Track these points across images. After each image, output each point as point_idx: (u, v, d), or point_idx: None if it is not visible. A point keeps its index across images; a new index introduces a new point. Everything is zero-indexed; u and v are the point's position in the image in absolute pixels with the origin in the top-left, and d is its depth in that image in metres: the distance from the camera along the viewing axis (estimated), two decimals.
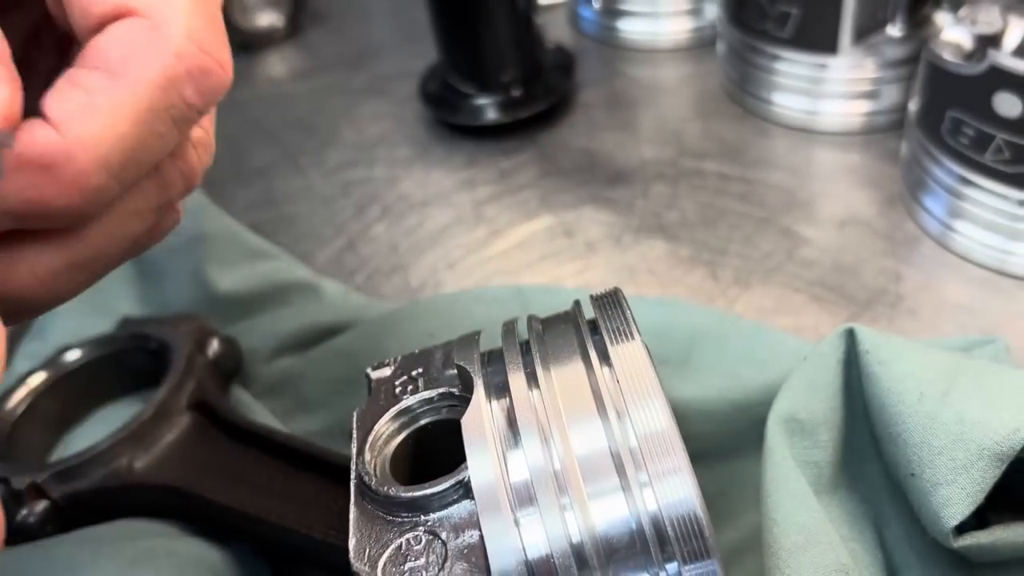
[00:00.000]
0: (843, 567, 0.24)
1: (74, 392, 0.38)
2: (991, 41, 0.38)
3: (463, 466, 0.21)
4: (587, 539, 0.20)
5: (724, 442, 0.33)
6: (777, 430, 0.27)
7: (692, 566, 0.19)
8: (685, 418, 0.32)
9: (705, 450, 0.33)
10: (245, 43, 0.66)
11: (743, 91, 0.53)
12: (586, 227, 0.47)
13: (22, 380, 0.37)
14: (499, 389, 0.23)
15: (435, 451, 0.24)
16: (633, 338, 0.22)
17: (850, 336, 0.28)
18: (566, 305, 0.26)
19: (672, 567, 0.19)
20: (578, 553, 0.20)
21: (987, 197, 0.39)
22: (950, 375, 0.26)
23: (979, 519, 0.25)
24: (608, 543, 0.20)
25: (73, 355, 0.38)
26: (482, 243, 0.47)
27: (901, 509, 0.28)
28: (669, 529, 0.19)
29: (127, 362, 0.39)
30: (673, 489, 0.20)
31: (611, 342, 0.22)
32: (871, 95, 0.49)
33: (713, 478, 0.32)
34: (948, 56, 0.39)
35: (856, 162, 0.49)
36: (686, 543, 0.19)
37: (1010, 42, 0.37)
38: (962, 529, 0.25)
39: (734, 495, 0.32)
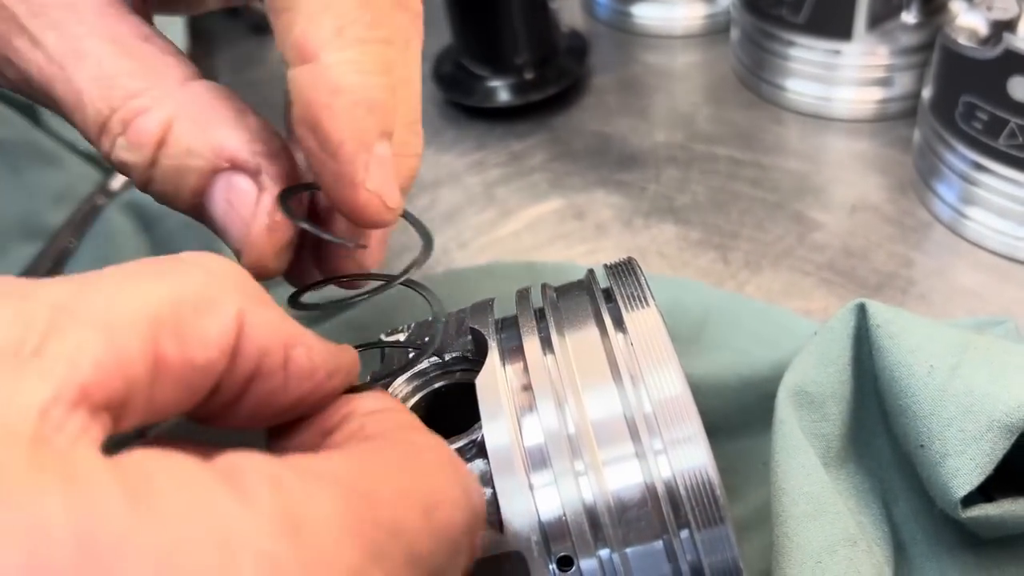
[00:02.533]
0: (851, 537, 0.24)
1: None
2: (1007, 26, 0.38)
3: (477, 425, 0.22)
4: (600, 502, 0.20)
5: (733, 419, 0.33)
6: (787, 403, 0.27)
7: (705, 532, 0.19)
8: (695, 394, 0.32)
9: (714, 426, 0.32)
10: (258, 25, 0.66)
11: (756, 77, 0.53)
12: (597, 210, 0.47)
13: None
14: (513, 353, 0.23)
15: (449, 414, 0.24)
16: (648, 304, 0.22)
17: (861, 311, 0.28)
18: None
19: (685, 533, 0.20)
20: (591, 516, 0.20)
21: (1000, 183, 0.39)
22: (960, 349, 0.26)
23: (986, 498, 0.25)
24: (621, 507, 0.20)
25: None
26: (492, 224, 0.47)
27: (909, 484, 0.28)
28: (683, 495, 0.19)
29: None
30: (687, 456, 0.20)
31: (626, 308, 0.22)
32: (884, 82, 0.49)
33: (722, 454, 0.32)
34: (963, 41, 0.39)
35: (868, 149, 0.49)
36: (699, 509, 0.19)
37: None
38: (969, 502, 0.25)
39: (742, 471, 0.32)
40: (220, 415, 0.18)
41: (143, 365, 0.15)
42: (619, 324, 0.22)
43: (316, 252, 0.25)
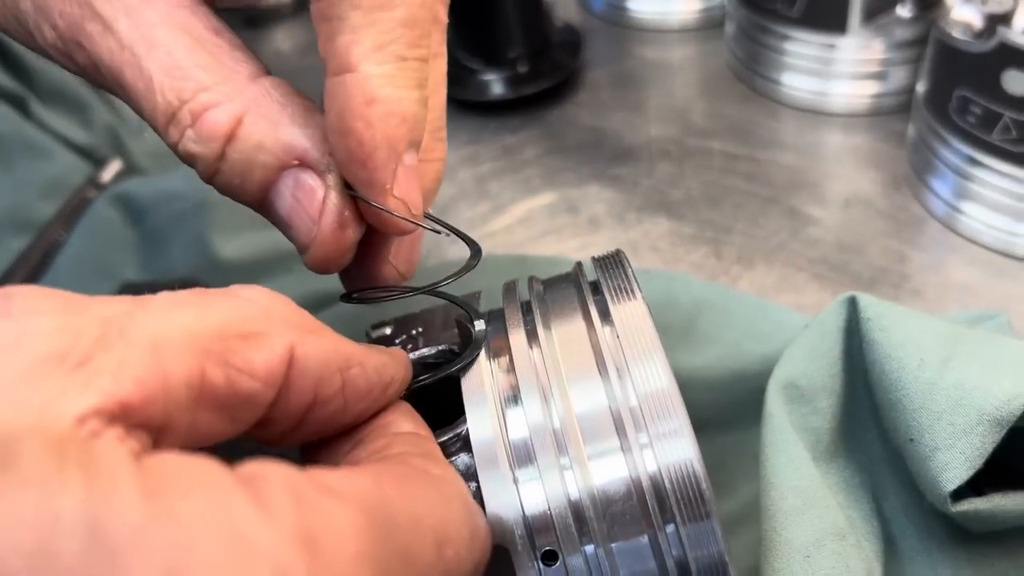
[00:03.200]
0: (840, 531, 0.24)
1: None
2: (1001, 19, 0.38)
3: (461, 419, 0.21)
4: (586, 497, 0.20)
5: (723, 413, 0.33)
6: (777, 396, 0.27)
7: (690, 526, 0.19)
8: (685, 388, 0.32)
9: (704, 421, 0.32)
10: (252, 19, 0.66)
11: (751, 71, 0.53)
12: (590, 204, 0.47)
13: None
14: (499, 347, 0.23)
15: (435, 408, 0.24)
16: (635, 297, 0.22)
17: (852, 304, 0.28)
18: None
19: (670, 528, 0.19)
20: (576, 511, 0.20)
21: (994, 177, 0.39)
22: (951, 343, 0.25)
23: (976, 492, 0.25)
24: (606, 501, 0.20)
25: None
26: (485, 218, 0.47)
27: (899, 479, 0.28)
28: (668, 490, 0.19)
29: None
30: (673, 449, 0.19)
31: (612, 301, 0.22)
32: (879, 76, 0.48)
33: (712, 449, 0.32)
34: (958, 34, 0.39)
35: (862, 143, 0.48)
36: (685, 504, 0.19)
37: (1020, 20, 0.37)
38: (959, 497, 0.25)
39: (732, 466, 0.32)
40: (283, 439, 0.19)
41: (186, 390, 0.15)
42: (606, 317, 0.22)
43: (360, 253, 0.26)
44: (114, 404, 0.14)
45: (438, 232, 0.24)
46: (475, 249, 0.24)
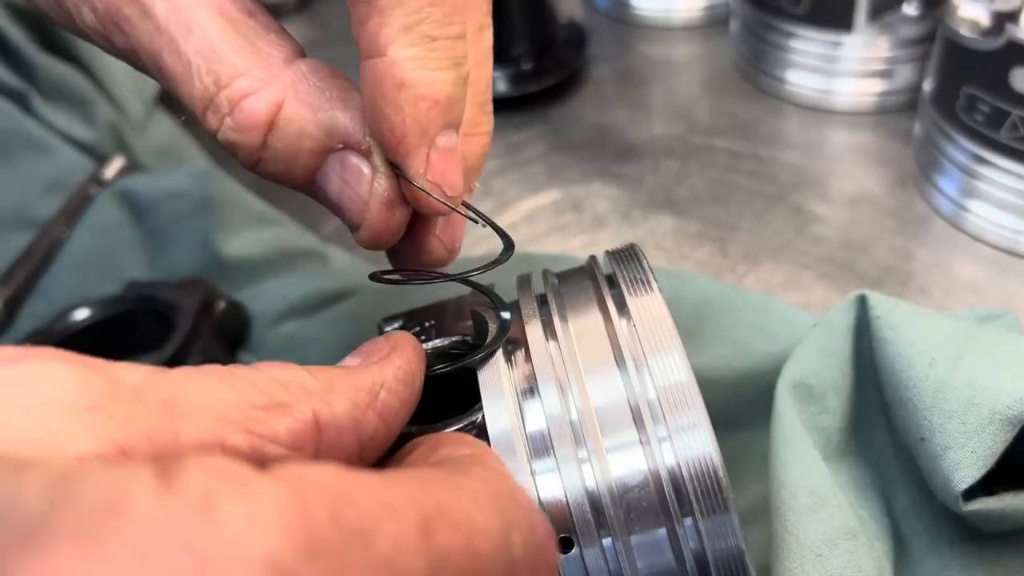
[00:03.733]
0: (851, 530, 0.24)
1: (79, 352, 0.38)
2: (1009, 17, 0.37)
3: (476, 407, 0.21)
4: (604, 489, 0.19)
5: (732, 412, 0.32)
6: (786, 395, 0.27)
7: (709, 520, 0.19)
8: None
9: (713, 419, 0.32)
10: None
11: (756, 69, 0.52)
12: (594, 201, 0.47)
13: (27, 338, 0.37)
14: (515, 339, 0.23)
15: (449, 399, 0.24)
16: (652, 289, 0.22)
17: (861, 302, 0.28)
18: None
19: (688, 521, 0.19)
20: (594, 502, 0.19)
21: (1000, 175, 0.39)
22: (962, 341, 0.25)
23: (988, 491, 0.25)
24: (625, 494, 0.20)
25: (80, 315, 0.38)
26: (489, 216, 0.47)
27: (910, 478, 0.28)
28: (687, 482, 0.19)
29: (134, 323, 0.39)
30: (692, 443, 0.19)
31: (629, 294, 0.22)
32: (885, 74, 0.48)
33: (720, 448, 0.32)
34: (965, 32, 0.39)
35: (868, 141, 0.48)
36: (704, 497, 0.19)
37: None
38: (971, 496, 0.24)
39: (741, 465, 0.32)
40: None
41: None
42: (622, 309, 0.22)
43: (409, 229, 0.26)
44: (114, 450, 0.14)
45: (474, 221, 0.24)
46: (508, 242, 0.24)
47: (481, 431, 0.21)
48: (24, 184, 0.44)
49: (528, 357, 0.22)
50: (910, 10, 0.46)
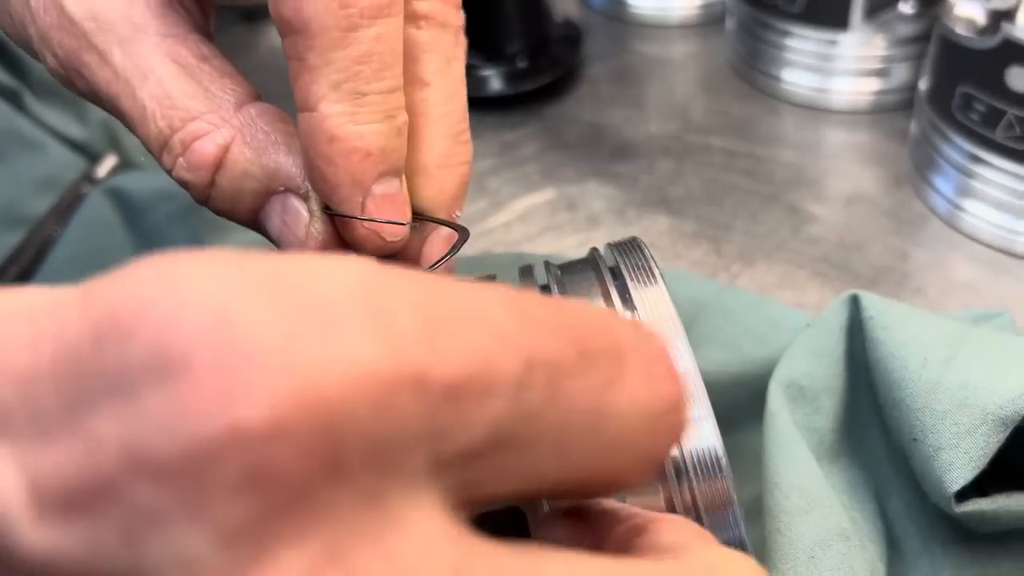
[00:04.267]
0: (844, 532, 0.24)
1: None
2: (1005, 15, 0.37)
3: None
4: None
5: (724, 414, 0.32)
6: (779, 395, 0.27)
7: (712, 515, 0.19)
8: None
9: None
10: (248, 13, 0.66)
11: (751, 68, 0.52)
12: (589, 201, 0.47)
13: None
14: None
15: None
16: (656, 282, 0.22)
17: (854, 302, 0.27)
18: None
19: (691, 514, 0.19)
20: None
21: (996, 175, 0.39)
22: (954, 341, 0.25)
23: (980, 492, 0.25)
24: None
25: None
26: (483, 215, 0.47)
27: (903, 480, 0.27)
28: (690, 475, 0.19)
29: None
30: (696, 437, 0.19)
31: (633, 285, 0.22)
32: (881, 73, 0.48)
33: None
34: (961, 30, 0.39)
35: (864, 140, 0.48)
36: (707, 490, 0.19)
37: None
38: (964, 497, 0.24)
39: (734, 466, 0.31)
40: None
41: None
42: (627, 301, 0.22)
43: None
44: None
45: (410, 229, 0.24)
46: (461, 230, 0.24)
47: None
48: (15, 182, 0.44)
49: None
50: (906, 8, 0.46)
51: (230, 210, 0.23)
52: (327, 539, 0.10)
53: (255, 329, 0.10)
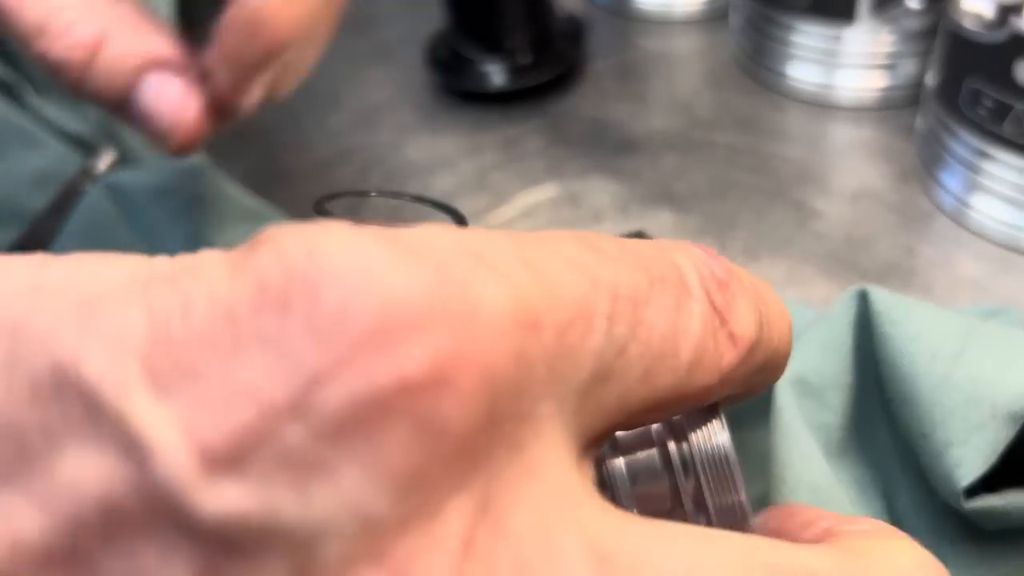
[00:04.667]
0: None
1: None
2: (1014, 10, 0.37)
3: None
4: (615, 472, 0.19)
5: (731, 410, 0.32)
6: (787, 391, 0.26)
7: (719, 503, 0.19)
8: None
9: None
10: None
11: (757, 63, 0.52)
12: (593, 196, 0.46)
13: None
14: None
15: None
16: None
17: (862, 297, 0.27)
18: None
19: (698, 503, 0.19)
20: (601, 485, 0.19)
21: (1004, 171, 0.39)
22: (964, 336, 0.25)
23: (990, 489, 0.25)
24: (633, 476, 0.19)
25: None
26: (486, 211, 0.46)
27: (911, 477, 0.27)
28: (697, 465, 0.19)
29: None
30: (703, 432, 0.19)
31: None
32: (888, 68, 0.48)
33: None
34: (969, 25, 0.38)
35: (870, 136, 0.48)
36: (714, 479, 0.19)
37: None
38: (973, 493, 0.24)
39: (740, 463, 0.31)
40: None
41: None
42: None
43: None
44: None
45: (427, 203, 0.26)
46: (456, 213, 0.25)
47: None
48: (13, 177, 0.44)
49: None
50: (913, 3, 0.46)
51: (104, 88, 0.25)
52: (482, 492, 0.11)
53: (405, 289, 0.10)
